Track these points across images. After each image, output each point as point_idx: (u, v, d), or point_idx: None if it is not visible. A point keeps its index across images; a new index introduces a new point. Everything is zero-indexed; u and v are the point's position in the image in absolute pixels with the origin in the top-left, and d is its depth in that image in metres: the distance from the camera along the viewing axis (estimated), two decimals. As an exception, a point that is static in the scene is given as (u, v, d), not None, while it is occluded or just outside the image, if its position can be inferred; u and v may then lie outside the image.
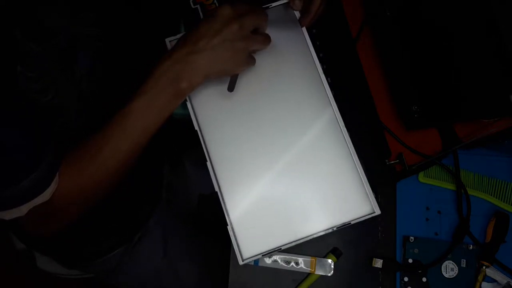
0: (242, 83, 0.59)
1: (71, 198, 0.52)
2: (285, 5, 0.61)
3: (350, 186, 0.57)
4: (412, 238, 0.64)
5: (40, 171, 0.48)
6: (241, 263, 0.55)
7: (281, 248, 0.55)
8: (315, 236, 0.55)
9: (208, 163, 0.57)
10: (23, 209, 0.48)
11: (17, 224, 0.53)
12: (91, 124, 0.57)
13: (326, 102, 0.59)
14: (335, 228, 0.56)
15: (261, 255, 0.55)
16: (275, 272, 0.64)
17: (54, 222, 0.55)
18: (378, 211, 0.56)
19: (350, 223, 0.56)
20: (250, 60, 0.57)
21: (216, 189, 0.56)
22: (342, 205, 0.56)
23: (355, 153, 0.57)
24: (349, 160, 0.57)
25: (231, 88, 0.57)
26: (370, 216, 0.56)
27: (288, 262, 0.64)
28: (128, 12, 0.63)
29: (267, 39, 0.57)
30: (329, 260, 0.64)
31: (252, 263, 0.64)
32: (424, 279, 0.63)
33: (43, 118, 0.53)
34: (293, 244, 0.55)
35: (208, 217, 0.97)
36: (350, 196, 0.57)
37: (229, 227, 0.55)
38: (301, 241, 0.55)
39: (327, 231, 0.56)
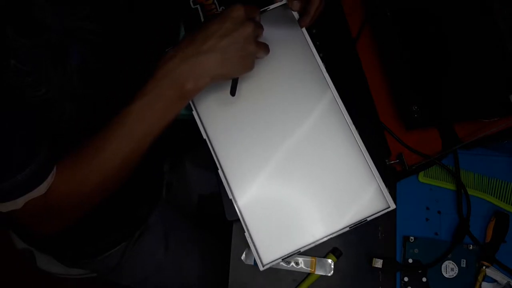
0: (245, 86, 0.59)
1: (69, 199, 0.52)
2: (283, 6, 0.61)
3: (362, 182, 0.56)
4: (412, 238, 0.64)
5: (36, 165, 0.48)
6: (261, 269, 0.54)
7: (300, 251, 0.55)
8: (331, 236, 0.55)
9: (220, 172, 0.56)
10: (19, 202, 0.48)
11: (16, 222, 0.53)
12: (86, 119, 0.57)
13: (332, 100, 0.59)
14: (352, 226, 0.55)
15: (281, 259, 0.55)
16: (275, 272, 0.64)
17: (53, 221, 0.55)
18: (393, 206, 0.55)
19: (366, 219, 0.55)
20: (253, 65, 0.55)
21: (230, 196, 0.56)
22: (356, 202, 0.56)
23: (364, 148, 0.57)
24: (359, 155, 0.57)
25: (233, 92, 0.56)
26: (385, 211, 0.55)
27: (288, 262, 0.64)
28: (127, 9, 0.62)
29: (268, 47, 0.56)
30: (329, 260, 0.64)
31: (252, 263, 0.64)
32: (424, 279, 0.63)
33: (38, 112, 0.52)
34: (312, 245, 0.55)
35: (208, 215, 0.97)
36: (363, 192, 0.56)
37: (246, 234, 0.55)
38: (319, 242, 0.55)
39: (344, 230, 0.55)
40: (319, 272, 0.63)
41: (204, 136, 0.57)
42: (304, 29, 0.61)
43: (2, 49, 0.48)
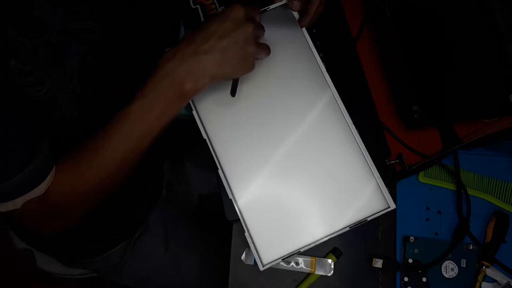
0: (245, 86, 0.59)
1: (68, 199, 0.52)
2: (283, 6, 0.61)
3: (362, 182, 0.56)
4: (412, 238, 0.64)
5: (35, 165, 0.48)
6: (261, 269, 0.54)
7: (300, 251, 0.55)
8: (331, 236, 0.55)
9: (220, 172, 0.56)
10: (18, 202, 0.48)
11: (16, 222, 0.53)
12: (87, 119, 0.57)
13: (332, 100, 0.59)
14: (352, 226, 0.55)
15: (281, 259, 0.55)
16: (275, 272, 0.64)
17: (53, 221, 0.55)
18: (393, 206, 0.55)
19: (366, 219, 0.55)
20: (253, 65, 0.54)
21: (230, 196, 0.56)
22: (356, 202, 0.56)
23: (364, 148, 0.57)
24: (359, 155, 0.57)
25: (233, 93, 0.56)
26: (385, 211, 0.55)
27: (288, 262, 0.64)
28: (126, 10, 0.62)
29: (269, 48, 0.55)
30: (329, 260, 0.64)
31: (252, 263, 0.64)
32: (424, 279, 0.63)
33: (39, 111, 0.52)
34: (312, 245, 0.55)
35: (208, 215, 0.97)
36: (363, 192, 0.56)
37: (246, 234, 0.55)
38: (319, 242, 0.55)
39: (344, 230, 0.55)
40: (319, 272, 0.63)
41: (204, 136, 0.57)
42: (304, 29, 0.61)
43: (2, 49, 0.48)
